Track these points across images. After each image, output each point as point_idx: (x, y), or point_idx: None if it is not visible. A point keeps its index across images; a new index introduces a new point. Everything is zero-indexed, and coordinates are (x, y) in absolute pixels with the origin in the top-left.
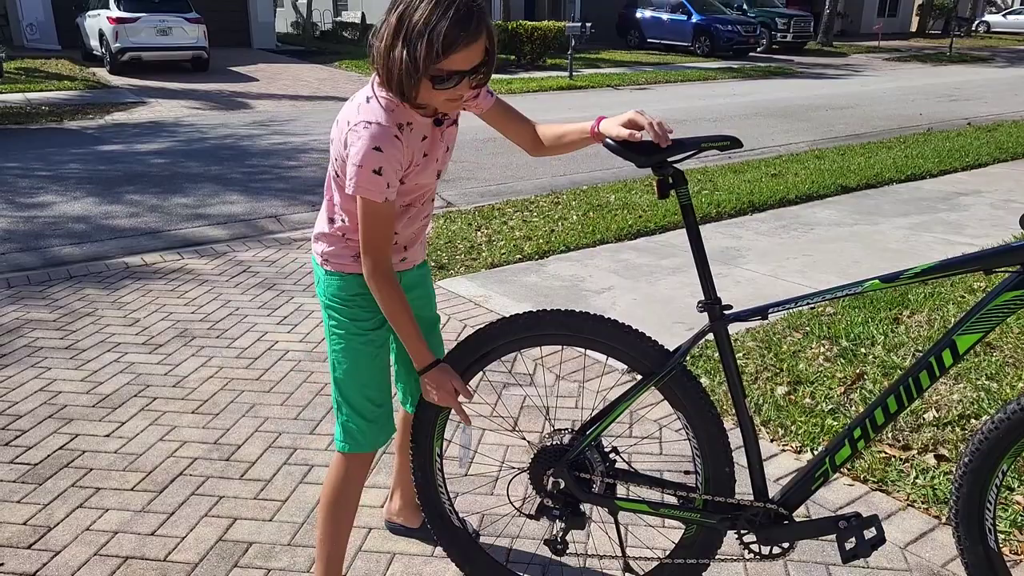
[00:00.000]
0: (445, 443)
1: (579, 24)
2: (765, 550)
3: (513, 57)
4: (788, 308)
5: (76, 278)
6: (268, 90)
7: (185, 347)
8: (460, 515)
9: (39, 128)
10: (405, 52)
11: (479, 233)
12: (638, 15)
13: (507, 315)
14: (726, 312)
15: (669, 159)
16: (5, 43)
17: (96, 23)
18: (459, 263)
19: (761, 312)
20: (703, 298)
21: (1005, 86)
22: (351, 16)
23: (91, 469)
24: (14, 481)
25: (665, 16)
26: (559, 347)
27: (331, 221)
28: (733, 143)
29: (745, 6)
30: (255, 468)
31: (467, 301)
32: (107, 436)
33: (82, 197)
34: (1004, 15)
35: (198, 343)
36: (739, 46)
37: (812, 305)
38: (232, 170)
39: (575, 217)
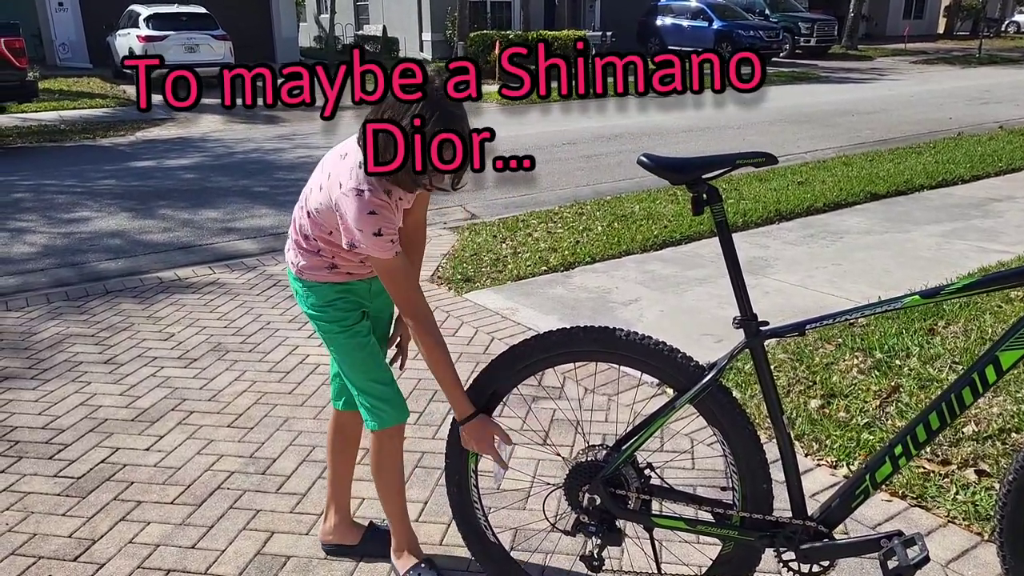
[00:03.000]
0: (479, 459)
1: (599, 33)
2: (805, 568)
3: (534, 66)
4: (826, 323)
5: (112, 293)
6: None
7: (219, 361)
8: (495, 530)
9: (73, 145)
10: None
11: (504, 245)
12: (658, 22)
13: (538, 331)
14: (762, 328)
15: (704, 176)
16: (38, 63)
17: (126, 42)
18: (485, 276)
19: (799, 328)
20: (738, 313)
21: None
22: (373, 29)
23: (132, 482)
24: (59, 494)
25: (686, 23)
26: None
27: (305, 238)
28: (768, 159)
29: (767, 11)
30: (290, 482)
31: (494, 314)
32: (146, 450)
33: (116, 212)
34: None
35: (231, 357)
36: (762, 52)
37: (850, 320)
38: (260, 183)
39: (600, 228)
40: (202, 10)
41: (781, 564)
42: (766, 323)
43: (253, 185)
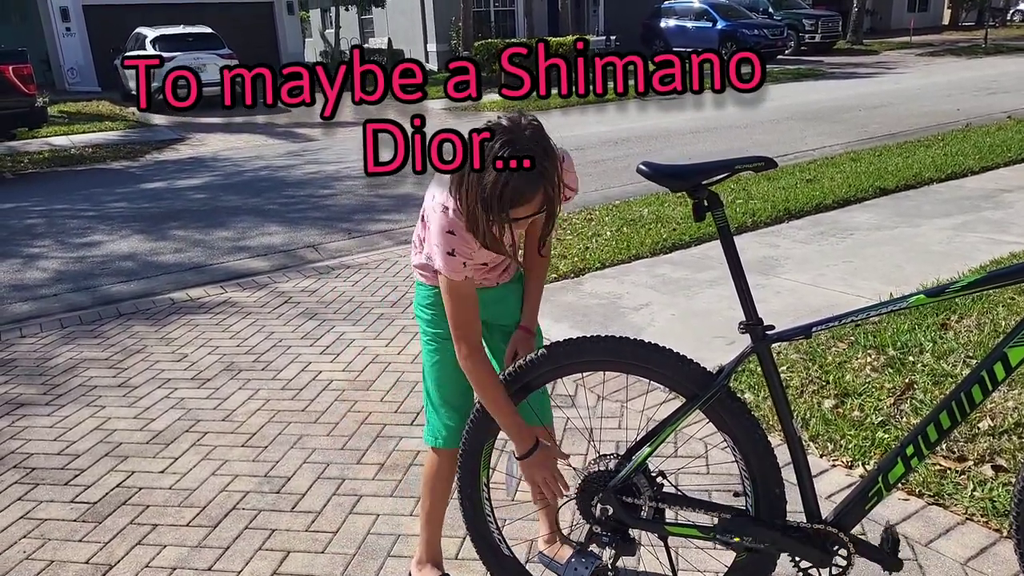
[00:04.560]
0: (491, 471)
1: (603, 37)
2: (824, 572)
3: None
4: (832, 325)
5: (125, 315)
6: (300, 119)
7: (232, 380)
8: (509, 543)
9: (84, 169)
10: (478, 196)
11: None
12: (662, 24)
13: (549, 338)
14: (768, 332)
15: (704, 182)
16: (47, 87)
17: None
18: None
19: (804, 331)
20: (743, 318)
21: None
22: (378, 42)
23: (148, 506)
24: (75, 520)
25: (689, 24)
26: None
27: (419, 238)
28: (767, 164)
29: (771, 9)
30: (305, 500)
31: None
32: (161, 472)
33: (128, 235)
34: None
35: (244, 376)
36: (767, 50)
37: (858, 322)
38: (270, 201)
39: (609, 233)
40: (208, 30)
41: (798, 571)
42: (772, 327)
43: (263, 203)
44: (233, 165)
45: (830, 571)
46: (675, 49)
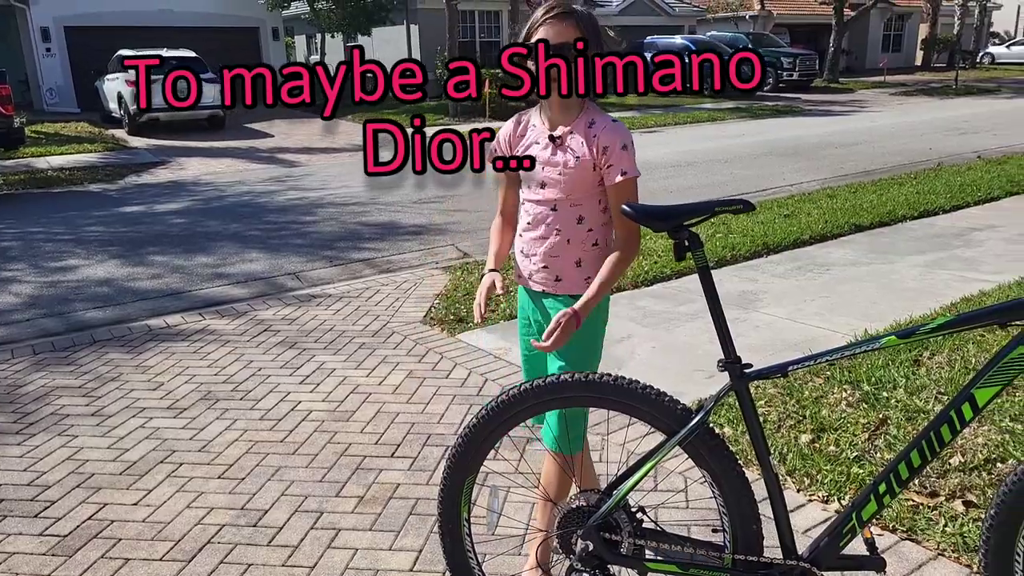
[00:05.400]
0: (472, 506)
1: None
2: None
3: (523, 104)
4: (806, 365)
5: (100, 342)
6: (283, 145)
7: (209, 410)
8: None
9: (61, 191)
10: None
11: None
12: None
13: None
14: (746, 371)
15: (685, 223)
16: (25, 108)
17: (115, 86)
18: None
19: (781, 369)
20: (723, 357)
21: (1013, 117)
22: None
23: (120, 539)
24: (44, 554)
25: None
26: None
27: None
28: (746, 207)
29: (750, 47)
30: (282, 534)
31: (488, 355)
32: (135, 504)
33: (105, 260)
34: (1008, 46)
35: (222, 406)
36: (744, 87)
37: (831, 360)
38: (251, 227)
39: None
40: (191, 53)
41: None
42: (749, 365)
43: (244, 229)
44: (214, 190)
45: None
46: None
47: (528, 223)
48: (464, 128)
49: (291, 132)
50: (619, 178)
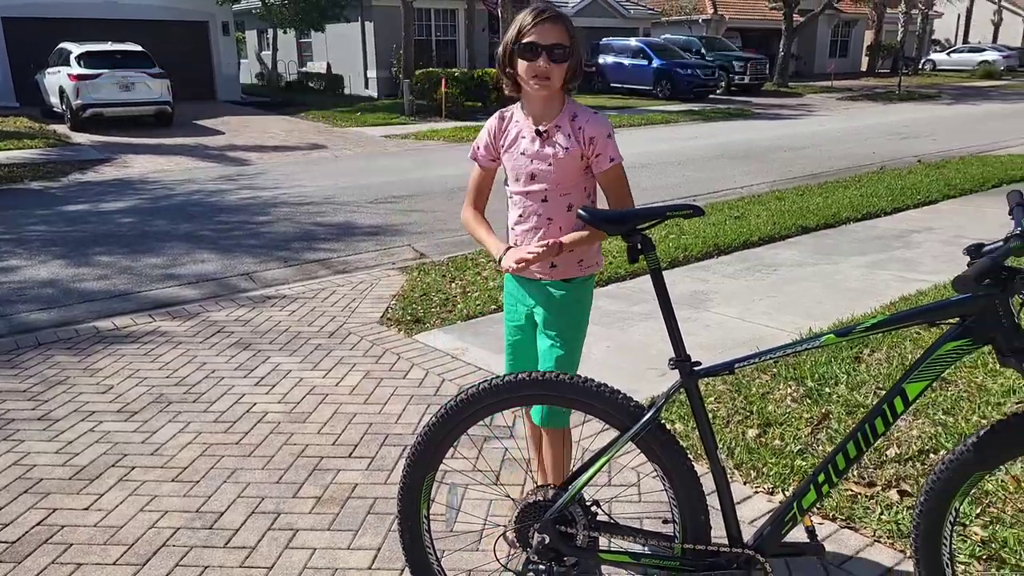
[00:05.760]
0: (431, 504)
1: None
2: None
3: (479, 104)
4: (752, 362)
5: (46, 345)
6: (235, 142)
7: (161, 413)
8: (448, 574)
9: (1, 189)
10: (504, 40)
11: (453, 285)
12: (600, 60)
13: (488, 370)
14: (696, 369)
15: (638, 227)
16: None
17: (56, 80)
18: (435, 316)
19: (728, 367)
20: (674, 355)
21: (951, 123)
22: (317, 67)
23: (71, 544)
24: None
25: (627, 61)
26: None
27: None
28: (696, 211)
29: (703, 50)
30: (239, 535)
31: (445, 355)
32: (85, 509)
33: (48, 260)
34: (948, 54)
35: (174, 408)
36: (699, 89)
37: (775, 358)
38: (202, 227)
39: None
40: (138, 48)
41: None
42: (699, 363)
43: (195, 229)
44: (163, 188)
45: None
46: (613, 84)
47: (519, 216)
48: (420, 127)
49: (242, 129)
50: (608, 164)
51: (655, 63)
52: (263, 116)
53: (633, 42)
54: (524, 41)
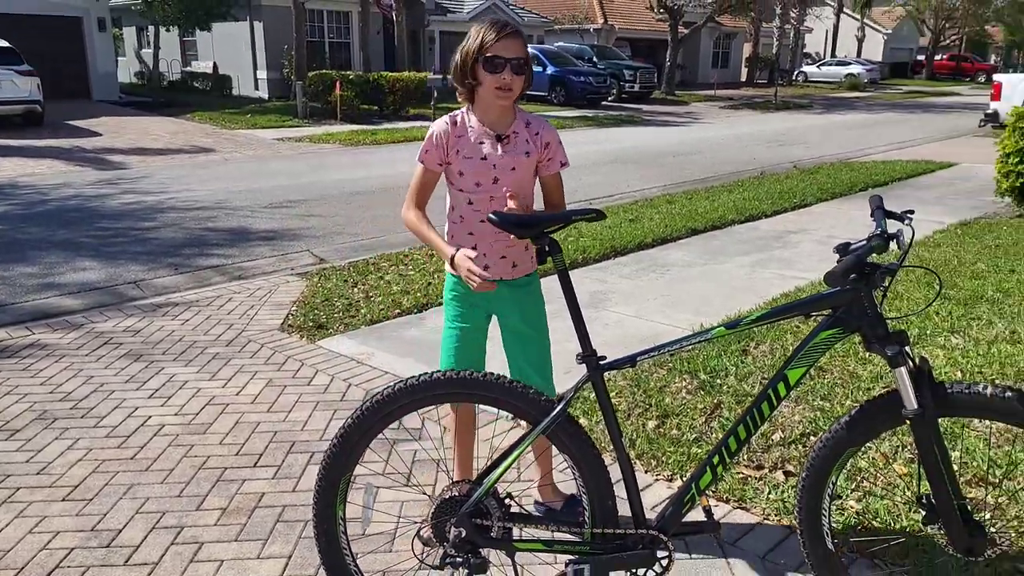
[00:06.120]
0: (347, 505)
1: (440, 76)
2: (651, 573)
3: (376, 108)
4: (652, 355)
5: None
6: (114, 145)
7: (46, 430)
8: (364, 575)
9: None
10: (463, 51)
11: (356, 289)
12: None
13: (395, 374)
14: (601, 363)
15: (546, 230)
16: None
17: None
18: (338, 321)
19: (631, 360)
20: (580, 350)
21: (822, 131)
22: (202, 66)
23: None
24: None
25: None
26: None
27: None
28: (598, 215)
29: (595, 58)
30: (140, 552)
31: (350, 360)
32: None
33: None
34: (818, 66)
35: (61, 425)
36: (592, 96)
37: (672, 351)
38: (81, 234)
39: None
40: (4, 43)
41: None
42: (604, 357)
43: (74, 236)
44: (36, 193)
45: (656, 571)
46: None
47: (482, 220)
48: (315, 130)
49: (121, 130)
50: (559, 167)
51: (549, 70)
52: (144, 117)
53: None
54: (488, 55)
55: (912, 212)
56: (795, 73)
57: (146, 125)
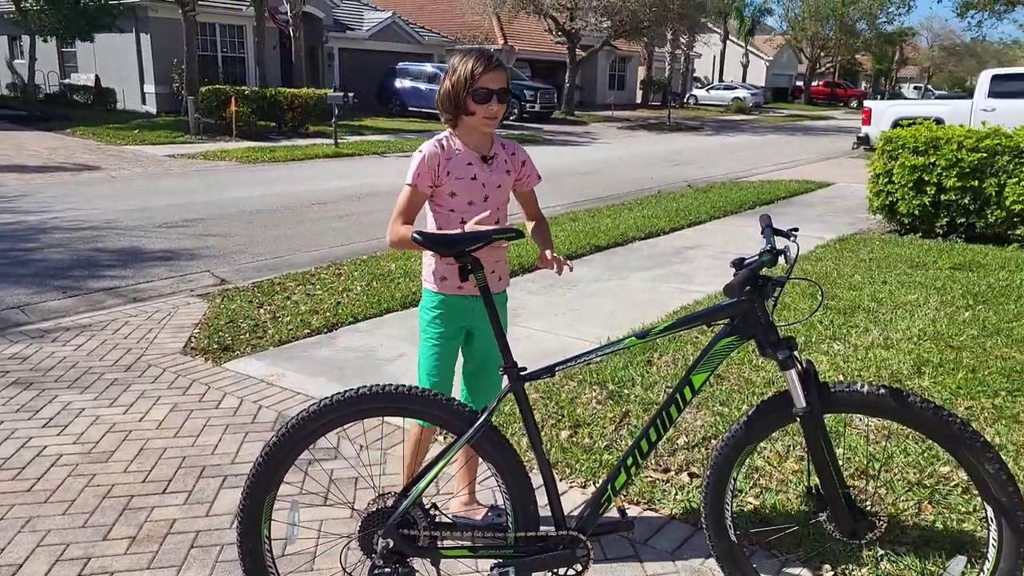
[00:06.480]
0: (272, 523)
1: (341, 93)
2: (572, 573)
3: (274, 124)
4: (569, 365)
5: None
6: None
7: None
8: None
9: None
10: (453, 83)
11: (262, 310)
12: (398, 84)
13: (307, 394)
14: (523, 373)
15: (467, 249)
16: None
17: None
18: (244, 343)
19: (550, 370)
20: (502, 363)
21: (713, 152)
22: (83, 78)
23: None
24: None
25: (423, 86)
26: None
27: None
28: (517, 235)
29: None
30: None
31: (259, 382)
32: None
33: None
34: (707, 90)
35: None
36: None
37: (588, 361)
38: None
39: (359, 288)
40: None
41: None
42: (525, 368)
43: None
44: None
45: (575, 570)
46: (412, 108)
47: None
48: (209, 147)
49: None
50: (535, 183)
51: None
52: (18, 132)
53: (429, 67)
54: (478, 87)
55: (797, 229)
56: (686, 96)
57: (22, 140)
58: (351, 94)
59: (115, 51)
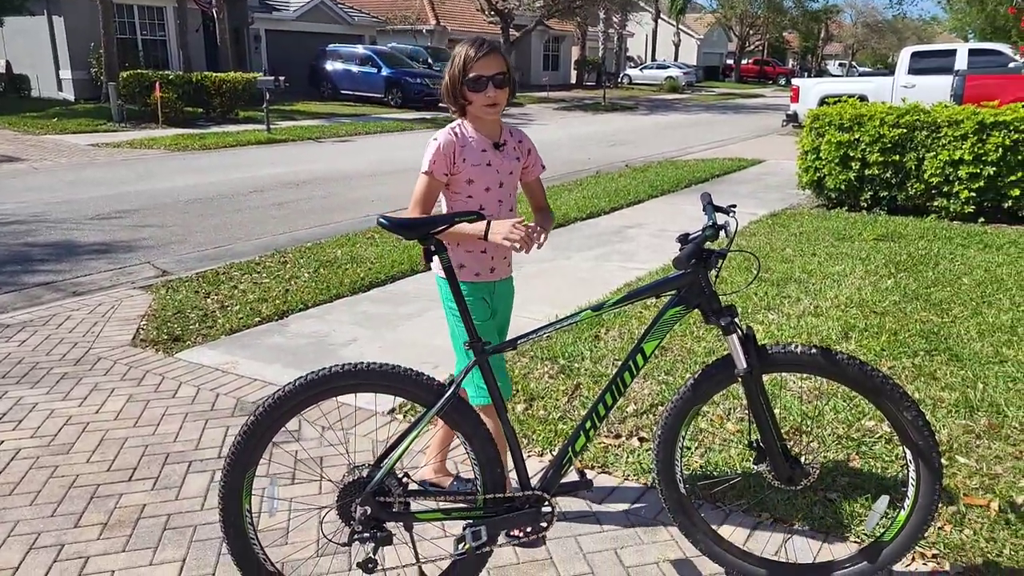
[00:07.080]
0: (253, 498)
1: (272, 77)
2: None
3: (201, 110)
4: (531, 338)
5: None
6: None
7: None
8: (273, 563)
9: None
10: (450, 76)
11: (210, 300)
12: (328, 67)
13: (264, 380)
14: (486, 348)
15: (431, 232)
16: None
17: None
18: (195, 333)
19: (511, 344)
20: (468, 339)
21: (649, 131)
22: None
23: None
24: None
25: (355, 68)
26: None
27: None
28: (479, 217)
29: (430, 60)
30: (21, 572)
31: (214, 370)
32: None
33: None
34: (641, 69)
35: None
36: (429, 98)
37: (547, 334)
38: None
39: (307, 275)
40: None
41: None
42: (489, 343)
43: None
44: None
45: (540, 527)
46: (344, 92)
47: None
48: (135, 135)
49: None
50: (541, 171)
51: (384, 71)
52: None
53: (361, 49)
54: (471, 76)
55: (735, 206)
56: (620, 76)
57: None
58: (282, 78)
59: (26, 35)
